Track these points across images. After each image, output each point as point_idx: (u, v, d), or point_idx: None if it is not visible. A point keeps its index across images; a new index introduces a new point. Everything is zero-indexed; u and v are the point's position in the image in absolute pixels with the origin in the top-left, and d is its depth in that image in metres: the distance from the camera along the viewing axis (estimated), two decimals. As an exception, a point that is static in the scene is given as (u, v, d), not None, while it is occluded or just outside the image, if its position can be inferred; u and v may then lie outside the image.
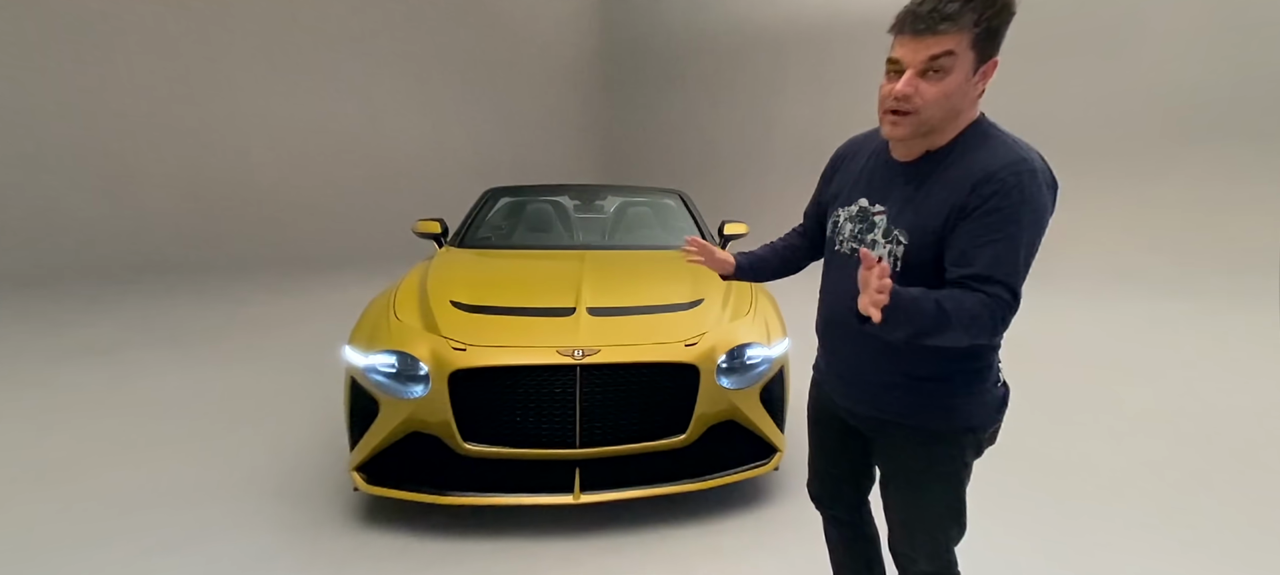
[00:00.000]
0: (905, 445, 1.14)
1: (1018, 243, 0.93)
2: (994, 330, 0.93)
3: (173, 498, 2.28)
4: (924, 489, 1.15)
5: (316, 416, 3.00)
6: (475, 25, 10.73)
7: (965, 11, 0.89)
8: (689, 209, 3.71)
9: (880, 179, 1.09)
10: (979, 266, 0.92)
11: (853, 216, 1.12)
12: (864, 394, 1.16)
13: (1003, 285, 0.92)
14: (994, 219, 0.92)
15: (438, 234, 3.36)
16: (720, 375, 2.09)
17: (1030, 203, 0.93)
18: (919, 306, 0.89)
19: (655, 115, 12.02)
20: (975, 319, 0.90)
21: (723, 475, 2.09)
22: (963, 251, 0.94)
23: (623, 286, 2.54)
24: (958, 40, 0.91)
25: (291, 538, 2.04)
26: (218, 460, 2.58)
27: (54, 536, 2.04)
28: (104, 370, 3.73)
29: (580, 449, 2.01)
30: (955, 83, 0.93)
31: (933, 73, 0.93)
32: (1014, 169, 0.93)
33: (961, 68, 0.93)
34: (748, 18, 10.19)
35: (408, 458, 2.06)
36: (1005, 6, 0.92)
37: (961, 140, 1.00)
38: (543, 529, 2.08)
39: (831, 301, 1.19)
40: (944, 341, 0.93)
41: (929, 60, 0.92)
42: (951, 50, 0.91)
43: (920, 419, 1.10)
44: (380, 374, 2.04)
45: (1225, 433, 2.92)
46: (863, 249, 0.95)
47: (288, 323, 5.08)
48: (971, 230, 0.94)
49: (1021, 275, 0.94)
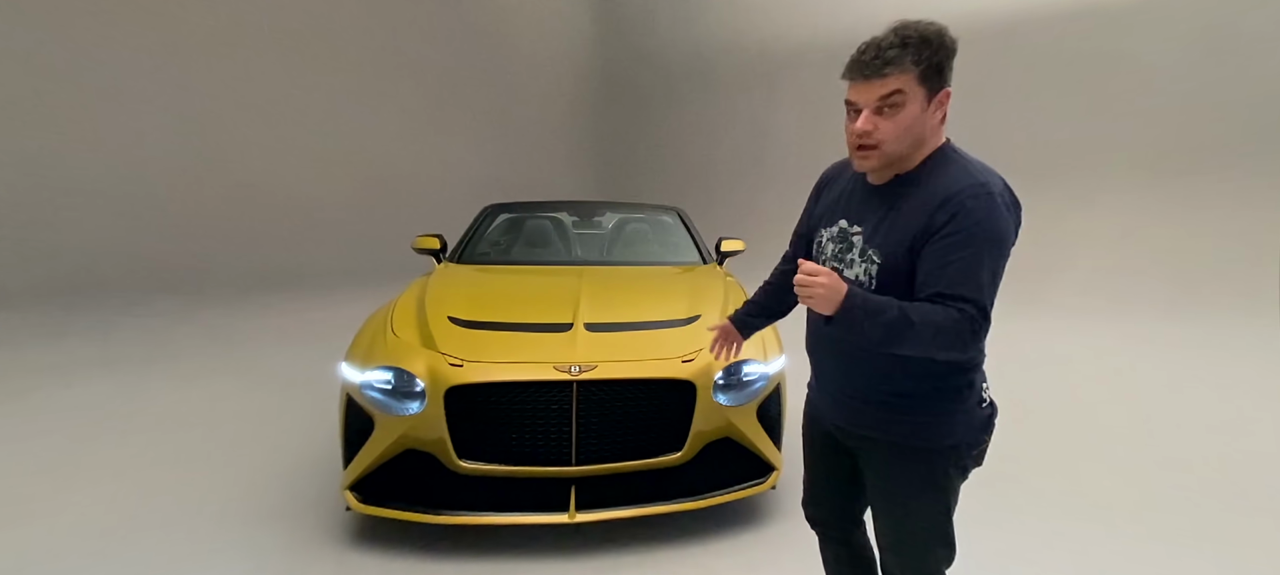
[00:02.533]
0: (887, 462, 1.16)
1: (979, 261, 0.97)
2: (964, 344, 0.97)
3: (163, 516, 2.25)
4: (907, 507, 1.16)
5: (310, 434, 2.98)
6: (474, 44, 10.86)
7: (904, 55, 0.97)
8: (686, 226, 3.73)
9: (858, 201, 1.15)
10: (943, 284, 0.97)
11: (834, 237, 1.17)
12: (847, 410, 1.19)
13: (970, 301, 0.96)
14: (955, 239, 0.97)
15: (436, 250, 3.37)
16: (717, 392, 2.08)
17: (985, 223, 0.98)
18: (876, 305, 0.96)
19: (652, 132, 12.12)
20: (942, 330, 0.95)
21: (719, 494, 2.08)
22: (929, 271, 0.99)
23: (620, 303, 2.54)
24: (904, 80, 0.99)
25: (283, 558, 2.01)
26: (209, 478, 2.56)
27: (41, 556, 2.01)
28: (97, 386, 3.70)
29: (576, 467, 1.99)
30: (911, 116, 1.01)
31: (887, 109, 1.01)
32: (971, 192, 0.98)
33: (914, 102, 1.00)
34: (743, 35, 10.33)
35: (401, 476, 2.04)
36: (941, 45, 0.99)
37: (927, 164, 1.06)
38: (538, 548, 2.06)
39: (816, 319, 1.19)
40: (913, 351, 0.98)
41: (881, 100, 1.00)
42: (900, 89, 0.99)
43: (900, 435, 1.12)
44: (376, 390, 2.03)
45: (1216, 451, 2.91)
46: (801, 260, 1.02)
47: (283, 338, 5.06)
48: (936, 251, 0.99)
49: (987, 292, 0.98)
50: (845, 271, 1.11)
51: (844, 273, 1.11)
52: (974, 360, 1.10)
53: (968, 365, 1.09)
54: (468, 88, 10.79)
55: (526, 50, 11.64)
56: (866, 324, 0.97)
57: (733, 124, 10.62)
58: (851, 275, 1.10)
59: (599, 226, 3.99)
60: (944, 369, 1.07)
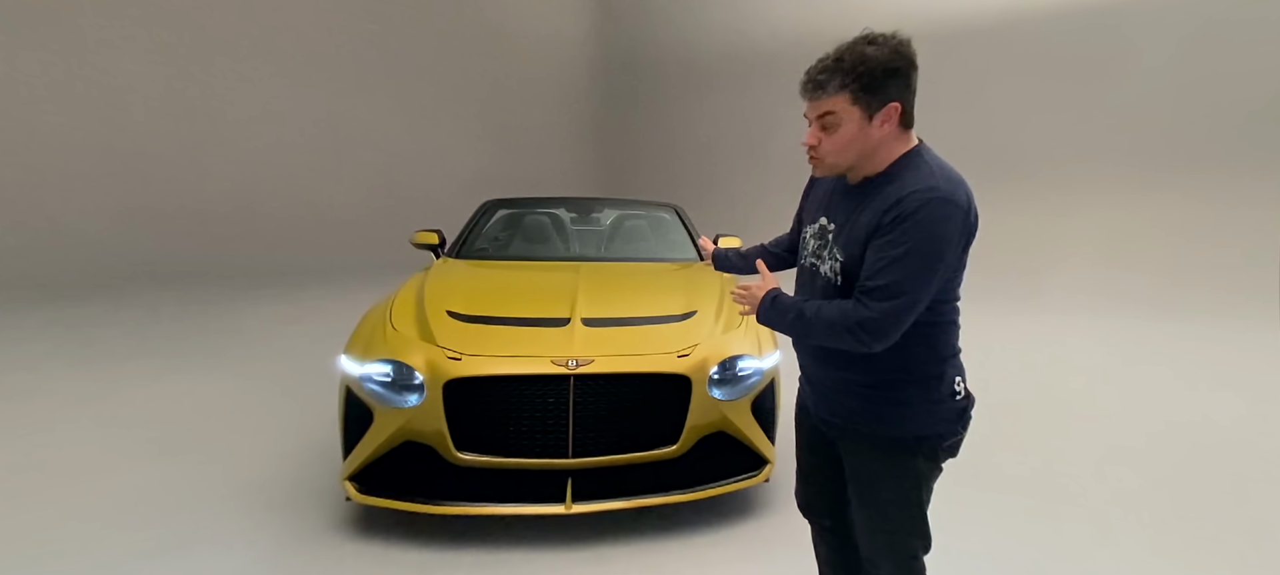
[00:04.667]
0: (860, 451, 1.21)
1: (905, 261, 1.01)
2: (857, 338, 1.04)
3: (162, 506, 2.28)
4: (879, 496, 1.20)
5: (309, 425, 3.01)
6: (472, 39, 10.84)
7: (831, 80, 1.06)
8: (684, 222, 3.75)
9: (839, 199, 1.20)
10: (862, 279, 1.06)
11: (815, 233, 1.24)
12: (828, 401, 1.25)
13: (871, 293, 1.03)
14: (889, 237, 1.03)
15: (435, 245, 3.39)
16: (712, 387, 2.11)
17: (923, 225, 1.01)
18: (783, 306, 1.17)
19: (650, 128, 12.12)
20: (832, 325, 1.07)
21: (713, 486, 2.11)
22: (864, 268, 1.07)
23: (617, 298, 2.57)
24: (835, 102, 1.07)
25: (283, 547, 2.04)
26: (208, 469, 2.58)
27: (42, 545, 2.03)
28: (94, 377, 3.73)
29: (573, 459, 2.02)
30: (849, 133, 1.08)
31: (828, 127, 1.10)
32: (919, 196, 1.02)
33: (849, 121, 1.07)
34: (741, 32, 10.32)
35: (400, 467, 2.07)
36: (880, 66, 1.03)
37: (895, 166, 1.11)
38: (533, 539, 2.09)
39: None
40: (821, 342, 1.13)
41: (819, 117, 1.10)
42: (832, 110, 1.07)
43: (873, 425, 1.17)
44: (375, 383, 2.05)
45: (1207, 448, 2.95)
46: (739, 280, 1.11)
47: (282, 331, 5.08)
48: (874, 248, 1.06)
49: (908, 289, 1.01)
50: (821, 266, 1.19)
51: (820, 268, 1.19)
52: (943, 352, 1.14)
53: (938, 357, 1.13)
54: (465, 83, 10.78)
55: (525, 47, 11.62)
56: (778, 322, 1.17)
57: (731, 120, 10.62)
58: (825, 270, 1.17)
59: (597, 223, 4.01)
60: (911, 360, 1.11)
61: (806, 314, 1.11)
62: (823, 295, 1.17)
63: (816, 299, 1.17)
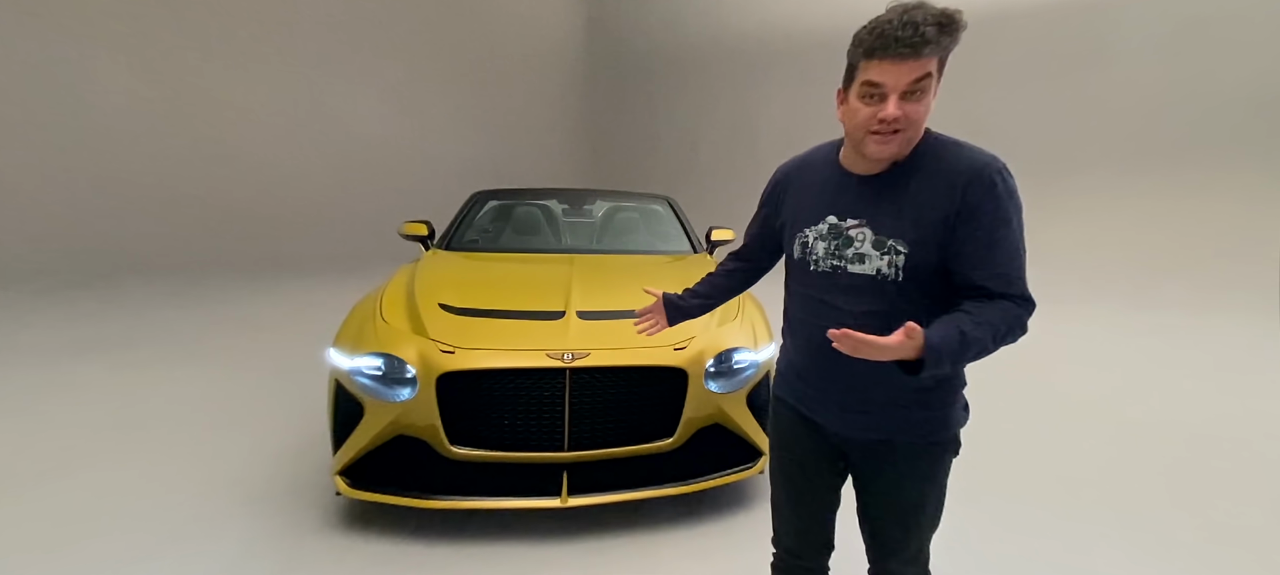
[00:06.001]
0: (898, 464, 1.13)
1: (1019, 239, 0.98)
2: (1018, 335, 0.98)
3: (148, 503, 2.22)
4: (919, 507, 1.15)
5: (298, 419, 2.96)
6: (459, 29, 10.69)
7: (942, 37, 0.92)
8: (677, 215, 3.73)
9: (850, 194, 1.09)
10: (991, 271, 0.98)
11: (823, 235, 1.11)
12: (861, 415, 1.12)
13: (1006, 278, 0.97)
14: (997, 217, 0.97)
15: (424, 236, 3.33)
16: (708, 379, 2.10)
17: (1013, 194, 0.99)
18: (950, 345, 0.91)
19: (639, 119, 12.06)
20: (1006, 331, 0.96)
21: (709, 478, 2.10)
22: (970, 254, 0.99)
23: (612, 290, 2.54)
24: (933, 63, 0.95)
25: (273, 543, 2.01)
26: (195, 464, 2.53)
27: (26, 540, 1.98)
28: (80, 372, 3.63)
29: (568, 452, 2.01)
30: (930, 102, 0.98)
31: (913, 94, 0.95)
32: (997, 169, 0.98)
33: (935, 88, 0.97)
34: (729, 23, 10.30)
35: (392, 461, 2.03)
36: (959, 28, 0.95)
37: (922, 150, 1.03)
38: (528, 533, 2.07)
39: (818, 324, 1.09)
40: (995, 351, 0.97)
41: (913, 83, 0.94)
42: (930, 72, 0.95)
43: (923, 432, 1.10)
44: (366, 376, 2.01)
45: (1188, 435, 3.01)
46: (831, 331, 0.93)
47: (267, 324, 4.99)
48: (977, 231, 0.98)
49: (1024, 263, 0.99)
50: (849, 268, 1.07)
51: (847, 269, 1.07)
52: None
53: None
54: (452, 74, 10.64)
55: (512, 36, 11.49)
56: (958, 359, 0.93)
57: (719, 111, 10.61)
58: (866, 271, 1.05)
59: (589, 215, 3.98)
60: None
61: (970, 334, 0.93)
62: (868, 296, 1.05)
63: (838, 302, 1.08)
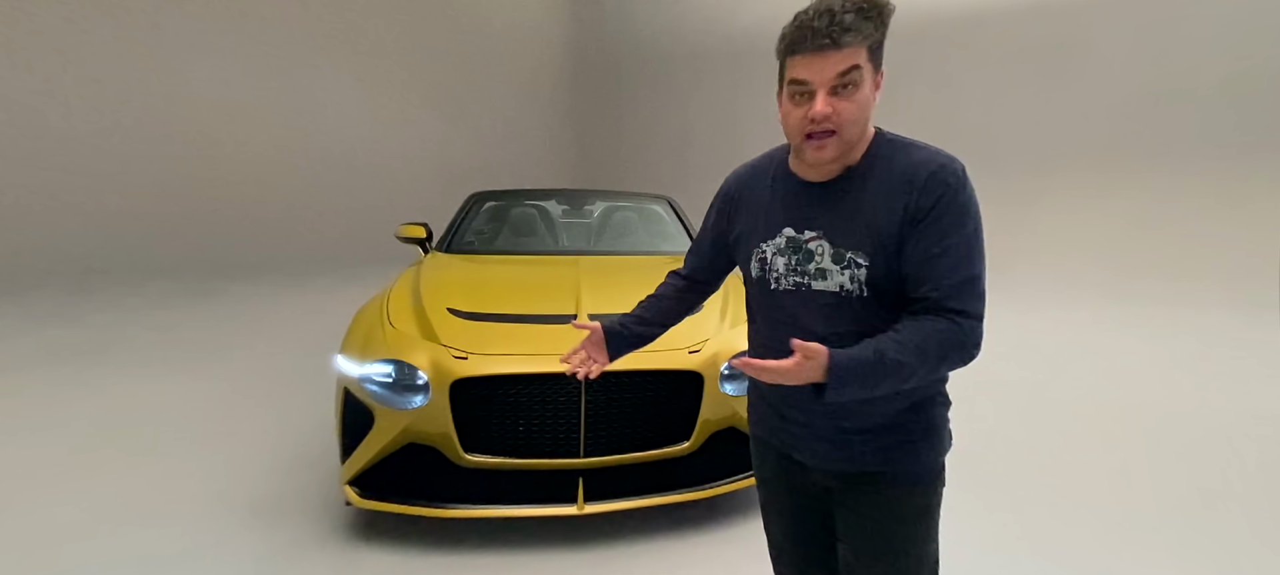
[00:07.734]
0: (888, 497, 0.99)
1: (972, 245, 0.89)
2: (963, 355, 0.88)
3: (151, 514, 2.15)
4: (906, 543, 1.00)
5: (301, 427, 2.89)
6: (447, 30, 10.58)
7: (863, 23, 0.84)
8: (678, 215, 3.72)
9: (804, 203, 0.99)
10: (937, 282, 0.88)
11: (782, 249, 1.00)
12: (842, 447, 1.00)
13: (958, 292, 0.87)
14: (947, 222, 0.88)
15: (422, 239, 3.28)
16: (724, 382, 2.09)
17: (971, 197, 0.90)
18: (854, 368, 0.83)
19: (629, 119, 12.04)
20: (937, 353, 0.86)
21: (726, 483, 2.09)
22: (920, 263, 0.89)
23: (622, 292, 2.50)
24: (860, 54, 0.86)
25: (281, 555, 1.95)
26: (198, 474, 2.45)
27: (27, 552, 1.91)
28: (78, 379, 3.53)
29: (584, 458, 1.98)
30: (865, 97, 0.89)
31: (843, 89, 0.87)
32: (951, 169, 0.90)
33: (867, 82, 0.88)
34: (718, 22, 10.32)
35: (403, 470, 1.99)
36: (886, 16, 0.88)
37: (873, 151, 0.95)
38: (543, 541, 2.04)
39: (783, 346, 0.91)
40: (930, 376, 0.88)
41: (838, 77, 0.86)
42: (858, 64, 0.86)
43: (909, 460, 0.98)
44: (376, 384, 1.97)
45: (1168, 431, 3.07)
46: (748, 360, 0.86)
47: (263, 328, 4.88)
48: (926, 236, 0.88)
49: (981, 273, 0.90)
50: (813, 285, 0.95)
51: (811, 286, 0.95)
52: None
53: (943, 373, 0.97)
54: (442, 75, 10.53)
55: (501, 37, 11.39)
56: (859, 386, 0.84)
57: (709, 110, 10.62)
58: (829, 287, 0.94)
59: (587, 215, 3.95)
60: (937, 384, 0.99)
61: (890, 356, 0.84)
62: (836, 316, 0.94)
63: (809, 323, 0.95)
